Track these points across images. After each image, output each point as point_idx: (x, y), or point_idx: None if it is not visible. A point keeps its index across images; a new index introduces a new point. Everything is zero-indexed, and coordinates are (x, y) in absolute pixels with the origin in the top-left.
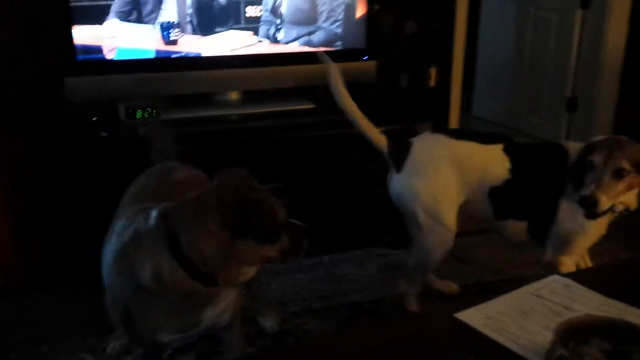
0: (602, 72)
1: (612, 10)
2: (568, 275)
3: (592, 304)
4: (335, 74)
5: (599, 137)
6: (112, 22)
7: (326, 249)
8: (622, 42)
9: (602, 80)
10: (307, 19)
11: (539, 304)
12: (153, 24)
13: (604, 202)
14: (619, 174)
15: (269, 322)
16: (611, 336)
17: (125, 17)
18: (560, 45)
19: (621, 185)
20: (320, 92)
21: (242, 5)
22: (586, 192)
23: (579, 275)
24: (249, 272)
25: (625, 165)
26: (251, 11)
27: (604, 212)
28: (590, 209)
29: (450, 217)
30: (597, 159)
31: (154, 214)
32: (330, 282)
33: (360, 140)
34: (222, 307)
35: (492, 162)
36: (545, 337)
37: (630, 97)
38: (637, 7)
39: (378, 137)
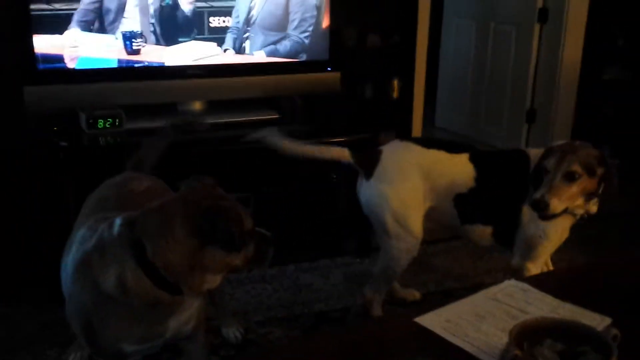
0: (559, 84)
1: (568, 24)
2: (524, 279)
3: (547, 307)
4: (278, 143)
5: (558, 142)
6: (73, 32)
7: (291, 258)
8: (579, 55)
9: (559, 92)
10: (278, 25)
11: (496, 307)
12: (114, 33)
13: (555, 205)
14: (570, 177)
15: (233, 332)
16: (564, 337)
17: (87, 26)
18: (519, 58)
19: (573, 189)
20: (284, 102)
21: (205, 15)
22: (537, 195)
23: (534, 280)
24: (215, 280)
25: (576, 168)
26: (215, 22)
27: (557, 215)
28: (541, 212)
29: (417, 224)
30: (550, 162)
31: (118, 221)
32: (295, 292)
33: None
34: (186, 316)
35: (459, 170)
36: (501, 339)
37: (586, 108)
38: (593, 21)
39: (338, 151)
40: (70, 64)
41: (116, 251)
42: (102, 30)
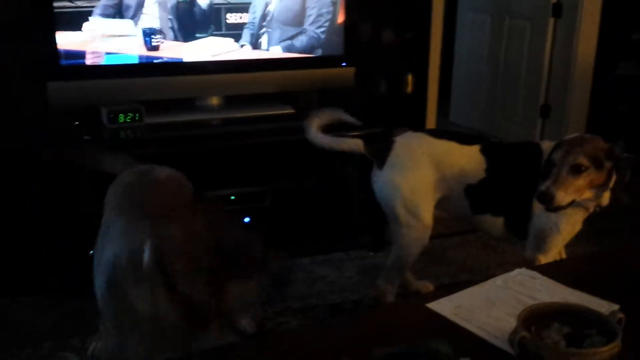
0: (573, 79)
1: (582, 19)
2: (534, 267)
3: (556, 294)
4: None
5: (570, 135)
6: (94, 20)
7: (307, 252)
8: (593, 50)
9: (573, 87)
10: (295, 20)
11: (506, 294)
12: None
13: (561, 197)
14: (576, 170)
15: (247, 323)
16: (571, 321)
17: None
18: (533, 54)
19: (579, 181)
20: (300, 97)
21: (223, 12)
22: (542, 187)
23: (544, 268)
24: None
25: (582, 161)
26: (232, 18)
27: (563, 207)
28: (547, 204)
29: (427, 213)
30: (557, 155)
31: (147, 245)
32: (310, 284)
33: None
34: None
35: (470, 161)
36: (510, 323)
37: (600, 103)
38: (606, 16)
39: (352, 142)
40: (92, 60)
41: (150, 281)
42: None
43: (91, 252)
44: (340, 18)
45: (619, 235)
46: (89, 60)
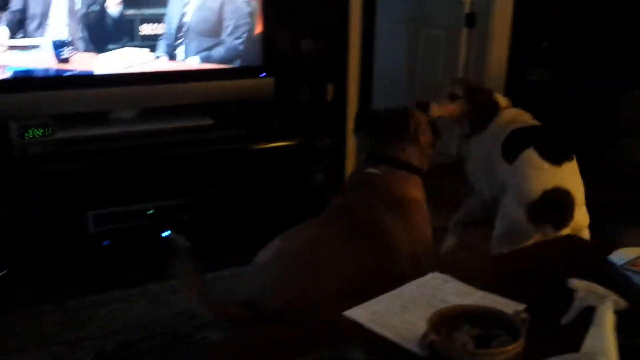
0: (488, 85)
1: (494, 28)
2: (447, 271)
3: (467, 297)
4: None
5: None
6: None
7: (230, 263)
8: (505, 58)
9: None
10: (212, 31)
11: (420, 298)
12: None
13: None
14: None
15: None
16: (480, 322)
17: (12, 34)
18: (449, 62)
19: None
20: (219, 108)
21: (136, 23)
22: None
23: (457, 272)
24: None
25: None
26: (147, 29)
27: None
28: None
29: None
30: None
31: None
32: (233, 295)
33: (259, 154)
34: None
35: None
36: (423, 327)
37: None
38: (517, 25)
39: None
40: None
41: None
42: (26, 36)
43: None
44: (258, 28)
45: None
46: None
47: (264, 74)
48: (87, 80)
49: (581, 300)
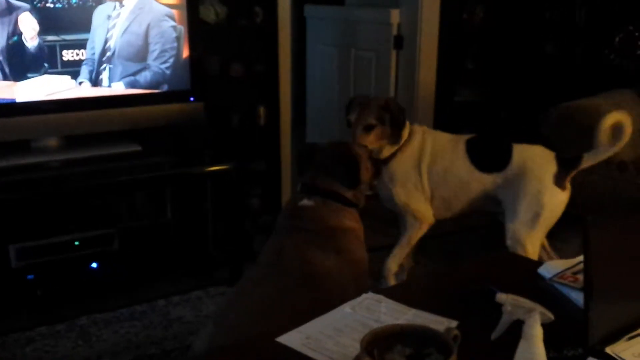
0: (417, 106)
1: (422, 50)
2: (380, 291)
3: (400, 316)
4: None
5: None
6: None
7: (161, 293)
8: (433, 79)
9: (417, 113)
10: (138, 56)
11: (353, 320)
12: None
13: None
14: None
15: None
16: (413, 341)
17: None
18: (379, 83)
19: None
20: (147, 134)
21: (58, 49)
22: None
23: (389, 291)
24: None
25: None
26: (69, 55)
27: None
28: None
29: None
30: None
31: None
32: (166, 326)
33: (190, 180)
34: None
35: None
36: (356, 349)
37: (443, 128)
38: (443, 47)
39: None
40: None
41: None
42: None
43: None
44: (185, 52)
45: (464, 253)
46: None
47: (193, 98)
48: (6, 108)
49: (509, 314)
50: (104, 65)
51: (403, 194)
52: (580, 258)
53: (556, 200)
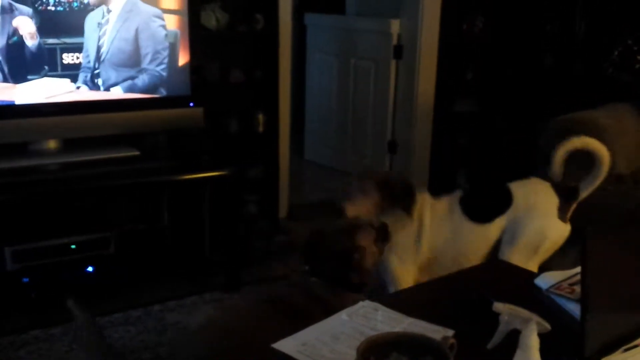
0: (416, 116)
1: (421, 60)
2: (377, 300)
3: (397, 324)
4: None
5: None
6: None
7: (157, 298)
8: (432, 89)
9: (416, 123)
10: (130, 61)
11: (350, 328)
12: None
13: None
14: None
15: None
16: (409, 349)
17: None
18: (379, 92)
19: None
20: (146, 138)
21: (58, 52)
22: None
23: (386, 299)
24: None
25: None
26: (68, 58)
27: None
28: None
29: None
30: None
31: None
32: (161, 332)
33: (188, 185)
34: None
35: None
36: (352, 357)
37: (442, 138)
38: (443, 57)
39: None
40: None
41: None
42: None
43: None
44: (185, 58)
45: None
46: None
47: (192, 103)
48: (5, 110)
49: (506, 324)
50: (98, 72)
51: (396, 262)
52: (577, 270)
53: (560, 234)
